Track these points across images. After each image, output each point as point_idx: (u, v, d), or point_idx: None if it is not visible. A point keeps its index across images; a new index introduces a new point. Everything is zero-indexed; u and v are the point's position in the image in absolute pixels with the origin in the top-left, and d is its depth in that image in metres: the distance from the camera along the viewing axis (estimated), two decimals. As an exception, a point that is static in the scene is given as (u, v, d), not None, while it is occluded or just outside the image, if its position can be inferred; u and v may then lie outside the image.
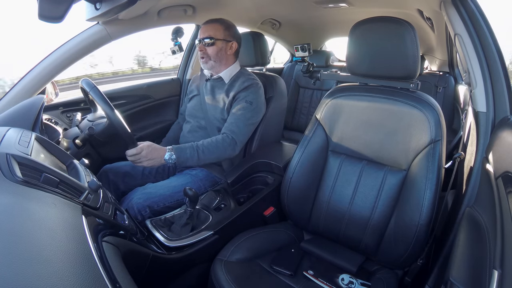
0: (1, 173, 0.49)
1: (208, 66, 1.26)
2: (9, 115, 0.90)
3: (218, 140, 1.16)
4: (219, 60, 1.25)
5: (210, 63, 1.25)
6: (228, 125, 1.20)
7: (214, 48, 1.22)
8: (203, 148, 1.13)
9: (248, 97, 1.21)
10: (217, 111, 1.26)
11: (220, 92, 1.28)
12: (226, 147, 1.16)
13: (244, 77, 1.26)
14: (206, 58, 1.24)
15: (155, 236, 0.93)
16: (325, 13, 1.91)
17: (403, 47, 0.87)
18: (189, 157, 1.10)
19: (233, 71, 1.29)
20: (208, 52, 1.23)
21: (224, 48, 1.24)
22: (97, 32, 1.22)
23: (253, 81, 1.24)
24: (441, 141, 0.86)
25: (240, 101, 1.21)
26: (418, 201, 0.84)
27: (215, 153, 1.15)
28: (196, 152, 1.11)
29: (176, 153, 1.08)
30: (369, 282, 0.89)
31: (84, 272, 0.39)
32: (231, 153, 1.18)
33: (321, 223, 1.04)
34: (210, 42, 1.21)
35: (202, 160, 1.13)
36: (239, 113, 1.20)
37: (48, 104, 1.30)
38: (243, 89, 1.22)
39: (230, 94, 1.24)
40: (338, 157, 1.02)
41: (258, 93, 1.25)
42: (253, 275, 0.89)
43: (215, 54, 1.23)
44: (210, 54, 1.23)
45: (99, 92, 1.01)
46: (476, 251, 0.62)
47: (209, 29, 1.22)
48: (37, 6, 0.78)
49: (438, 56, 2.37)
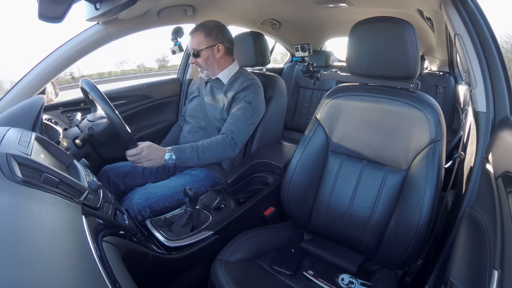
0: (1, 173, 0.49)
1: (205, 74, 1.30)
2: (9, 115, 0.90)
3: (218, 140, 1.16)
4: (211, 66, 1.26)
5: (205, 72, 1.28)
6: (228, 125, 1.20)
7: (201, 59, 1.24)
8: (203, 148, 1.13)
9: (247, 97, 1.21)
10: (216, 112, 1.27)
11: (219, 93, 1.28)
12: (226, 147, 1.16)
13: (243, 77, 1.26)
14: (200, 68, 1.28)
15: (155, 236, 0.93)
16: (325, 13, 1.91)
17: (403, 47, 0.87)
18: (189, 157, 1.10)
19: (231, 71, 1.29)
20: (199, 62, 1.25)
21: (211, 54, 1.25)
22: (97, 32, 1.22)
23: (252, 81, 1.24)
24: (441, 141, 0.86)
25: (239, 101, 1.21)
26: (418, 201, 0.84)
27: (214, 153, 1.15)
28: (196, 153, 1.11)
29: (176, 153, 1.09)
30: (369, 282, 0.89)
31: (84, 272, 0.39)
32: (231, 153, 1.18)
33: (321, 223, 1.04)
34: (196, 54, 1.23)
35: (202, 160, 1.13)
36: (238, 113, 1.20)
37: (48, 104, 1.30)
38: (242, 89, 1.22)
39: (229, 94, 1.24)
40: (338, 157, 1.02)
41: (257, 92, 1.24)
42: (253, 275, 0.89)
43: (204, 63, 1.25)
44: (201, 64, 1.26)
45: (99, 92, 1.01)
46: (476, 251, 0.62)
47: (192, 41, 1.24)
48: (37, 6, 0.78)
49: (438, 56, 2.37)
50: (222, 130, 1.21)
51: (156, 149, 1.07)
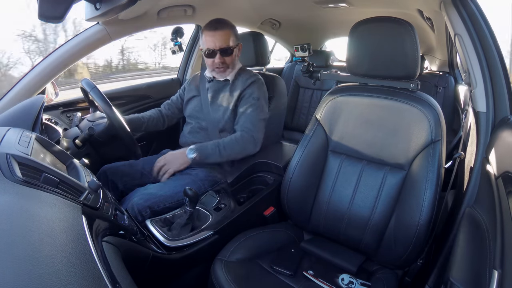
0: (1, 173, 0.49)
1: (226, 74, 1.25)
2: (9, 115, 0.90)
3: (237, 137, 1.17)
4: (234, 65, 1.26)
5: (227, 71, 1.25)
6: (242, 123, 1.20)
7: (231, 57, 1.22)
8: (224, 144, 1.15)
9: (253, 94, 1.22)
10: (220, 112, 1.26)
11: (224, 92, 1.27)
12: (246, 144, 1.17)
13: (245, 74, 1.27)
14: (224, 67, 1.23)
15: (155, 236, 0.93)
16: (325, 13, 1.91)
17: (403, 47, 0.88)
18: (211, 153, 1.12)
19: (236, 69, 1.29)
20: (226, 62, 1.22)
21: (237, 53, 1.25)
22: (97, 32, 1.22)
23: (255, 77, 1.26)
24: (441, 141, 0.86)
25: (247, 99, 1.22)
26: (418, 201, 0.84)
27: (235, 149, 1.16)
28: (218, 149, 1.13)
29: (198, 150, 1.10)
30: (369, 282, 0.89)
31: (84, 272, 0.39)
32: (253, 149, 1.19)
33: (321, 223, 1.04)
34: (227, 52, 1.19)
35: (224, 156, 1.14)
36: (249, 111, 1.20)
37: (48, 104, 1.30)
38: (247, 86, 1.22)
39: (234, 92, 1.24)
40: (338, 157, 1.02)
41: (262, 89, 1.26)
42: (253, 275, 0.89)
43: (232, 62, 1.23)
44: (229, 63, 1.22)
45: (99, 92, 1.01)
46: (476, 251, 0.62)
47: (223, 38, 1.18)
48: (37, 6, 0.78)
49: (438, 56, 2.37)
50: (237, 129, 1.21)
51: (175, 152, 1.11)
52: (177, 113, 1.44)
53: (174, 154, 1.14)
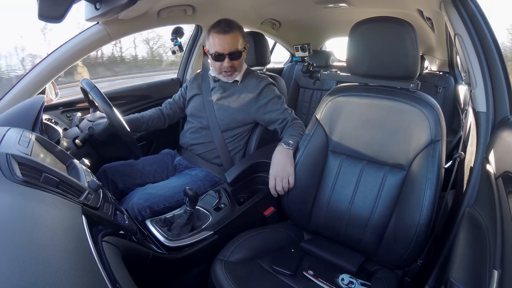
0: (1, 173, 0.49)
1: (234, 77, 1.25)
2: (9, 115, 0.90)
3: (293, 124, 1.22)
4: (241, 67, 1.26)
5: (235, 74, 1.24)
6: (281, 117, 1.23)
7: (239, 60, 1.21)
8: (293, 131, 1.18)
9: (272, 94, 1.25)
10: (227, 111, 1.25)
11: (233, 93, 1.26)
12: (302, 126, 1.23)
13: (255, 78, 1.27)
14: (232, 71, 1.22)
15: (155, 236, 0.93)
16: (325, 13, 1.92)
17: (403, 47, 0.87)
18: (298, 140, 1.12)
19: (243, 70, 1.29)
20: (234, 65, 1.21)
21: (244, 55, 1.24)
22: (97, 32, 1.22)
23: (266, 80, 1.27)
24: (441, 141, 0.86)
25: (270, 101, 1.24)
26: (418, 201, 0.84)
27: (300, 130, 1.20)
28: (297, 136, 1.15)
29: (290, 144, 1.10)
30: (369, 282, 0.89)
31: (84, 272, 0.39)
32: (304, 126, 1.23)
33: (321, 223, 1.04)
34: (237, 55, 1.18)
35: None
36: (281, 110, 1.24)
37: (48, 104, 1.30)
38: (262, 90, 1.24)
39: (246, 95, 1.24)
40: (338, 157, 1.02)
41: (275, 87, 1.29)
42: (253, 275, 0.89)
43: (240, 64, 1.23)
44: (237, 66, 1.22)
45: (99, 92, 1.01)
46: (476, 251, 0.62)
47: (233, 41, 1.16)
48: (37, 6, 0.78)
49: (438, 56, 2.37)
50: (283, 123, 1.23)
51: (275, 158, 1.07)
52: (179, 112, 1.43)
53: (277, 164, 1.05)
